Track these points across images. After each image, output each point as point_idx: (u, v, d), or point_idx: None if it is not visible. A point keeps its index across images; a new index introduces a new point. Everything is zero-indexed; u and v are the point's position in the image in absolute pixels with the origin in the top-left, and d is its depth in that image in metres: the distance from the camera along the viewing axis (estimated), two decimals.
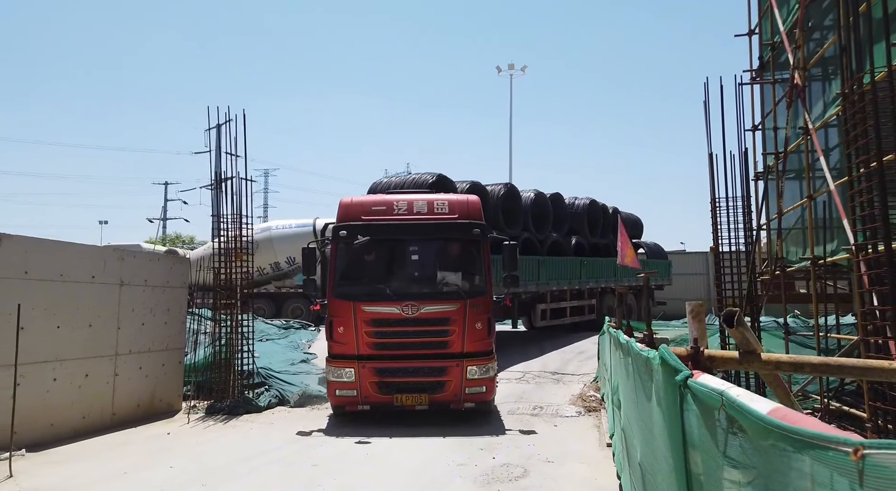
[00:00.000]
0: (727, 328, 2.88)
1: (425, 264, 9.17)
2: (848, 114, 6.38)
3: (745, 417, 1.62)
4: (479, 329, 8.69)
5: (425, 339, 8.63)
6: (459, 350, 8.59)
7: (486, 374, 8.69)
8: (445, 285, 8.93)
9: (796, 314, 13.06)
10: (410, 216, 9.04)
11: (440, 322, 8.65)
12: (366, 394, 8.57)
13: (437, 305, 8.68)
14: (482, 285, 8.90)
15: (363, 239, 8.79)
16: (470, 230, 8.95)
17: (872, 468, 0.96)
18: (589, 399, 10.31)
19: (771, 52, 10.83)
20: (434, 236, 9.07)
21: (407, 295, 8.73)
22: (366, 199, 9.42)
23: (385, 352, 8.66)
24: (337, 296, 8.82)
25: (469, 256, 9.13)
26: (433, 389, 8.57)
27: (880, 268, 5.72)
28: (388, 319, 8.65)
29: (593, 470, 6.54)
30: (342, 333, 8.66)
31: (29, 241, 7.88)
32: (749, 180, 10.68)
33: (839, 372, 3.02)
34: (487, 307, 8.84)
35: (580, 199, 19.35)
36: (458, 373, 8.54)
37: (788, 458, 1.42)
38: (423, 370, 8.59)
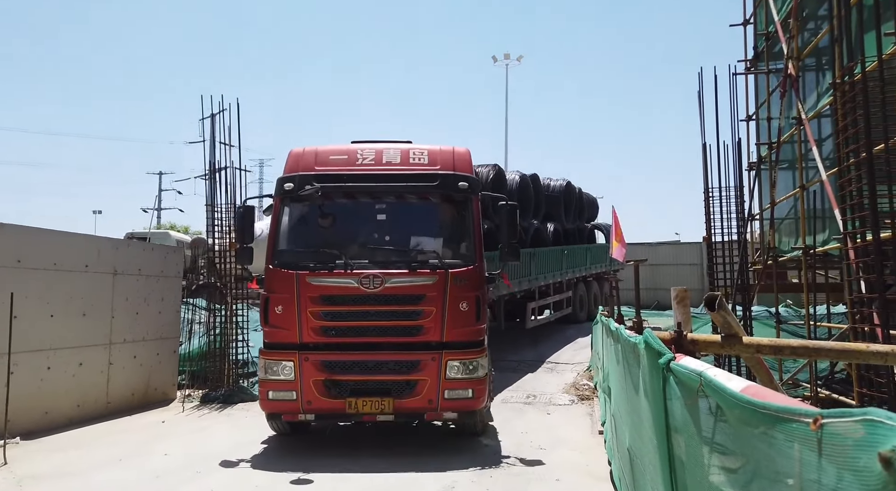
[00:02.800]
0: (709, 312, 2.92)
1: (395, 227, 7.17)
2: (839, 103, 6.42)
3: (719, 394, 1.66)
4: (465, 311, 6.57)
5: (391, 322, 6.61)
6: (437, 338, 6.56)
7: (474, 372, 6.55)
8: (420, 253, 6.87)
9: (788, 304, 13.15)
10: (378, 167, 7.04)
11: (411, 300, 6.60)
12: (309, 397, 6.48)
13: (407, 277, 6.60)
14: (470, 254, 6.84)
15: (310, 189, 6.78)
16: (454, 184, 6.89)
17: (830, 436, 1.00)
18: (582, 388, 10.40)
19: (765, 41, 10.84)
20: (407, 191, 6.97)
21: (368, 264, 6.68)
22: (323, 148, 7.29)
23: (337, 340, 6.61)
24: (276, 265, 6.77)
25: (453, 217, 7.18)
26: (400, 392, 6.54)
27: (869, 256, 5.77)
28: (341, 295, 6.60)
29: (585, 456, 6.61)
30: (280, 314, 6.58)
31: (22, 230, 7.88)
32: (742, 170, 10.74)
33: (817, 354, 3.07)
34: (476, 283, 6.74)
35: (556, 181, 17.05)
36: (435, 370, 6.47)
37: (760, 433, 1.46)
38: (387, 365, 6.57)
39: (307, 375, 6.53)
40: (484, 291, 6.93)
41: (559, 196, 16.71)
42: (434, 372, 6.53)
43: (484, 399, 6.79)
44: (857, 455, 0.90)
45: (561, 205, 16.75)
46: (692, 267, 25.27)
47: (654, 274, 23.61)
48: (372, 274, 6.58)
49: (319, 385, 6.55)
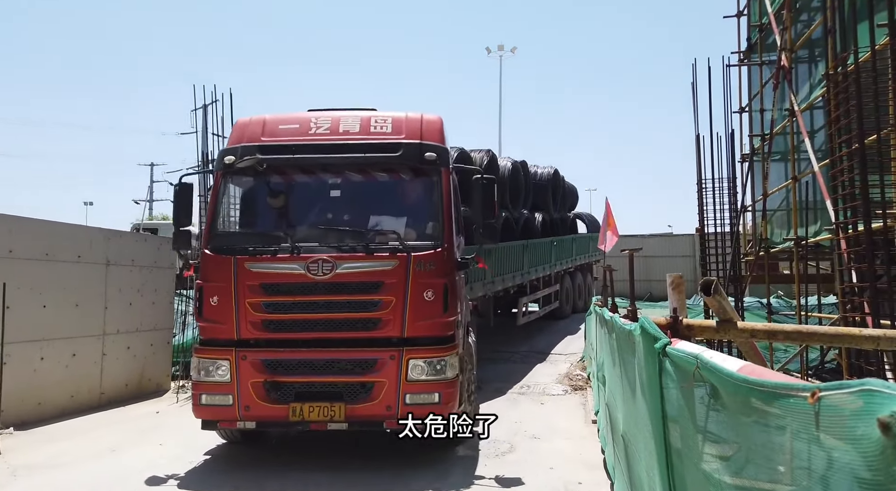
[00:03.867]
0: (704, 297, 2.95)
1: (351, 204, 6.36)
2: (832, 94, 6.46)
3: (716, 375, 1.68)
4: (430, 301, 5.66)
5: (343, 314, 5.72)
6: (398, 333, 5.68)
7: (441, 373, 5.65)
8: (379, 234, 5.97)
9: (779, 295, 13.26)
10: (333, 136, 6.13)
11: (367, 288, 5.72)
12: (247, 402, 5.63)
13: (362, 261, 5.72)
14: (437, 235, 5.91)
15: (249, 159, 5.93)
16: (420, 154, 5.98)
17: (827, 409, 1.02)
18: (575, 378, 10.46)
19: (759, 33, 10.87)
20: (365, 163, 6.08)
21: (317, 247, 5.83)
22: (273, 117, 6.40)
23: (280, 335, 5.77)
24: (212, 248, 5.91)
25: (419, 193, 6.30)
26: (353, 396, 5.63)
27: (860, 246, 5.83)
28: (285, 283, 5.75)
29: (578, 445, 6.66)
30: (216, 305, 5.74)
31: (13, 220, 7.82)
32: (735, 162, 10.81)
33: (810, 339, 3.11)
34: (444, 268, 5.81)
35: (543, 169, 16.18)
36: (394, 370, 5.59)
37: (758, 411, 1.48)
38: (338, 365, 5.71)
39: (245, 376, 5.65)
40: (454, 278, 5.96)
41: (547, 184, 15.98)
42: (393, 372, 5.61)
43: (454, 404, 5.73)
44: (854, 424, 0.92)
45: (549, 194, 16.06)
46: (685, 259, 25.39)
47: (646, 266, 23.70)
48: (321, 258, 5.67)
49: (259, 388, 5.65)
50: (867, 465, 0.89)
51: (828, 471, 1.03)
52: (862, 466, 0.90)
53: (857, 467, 0.91)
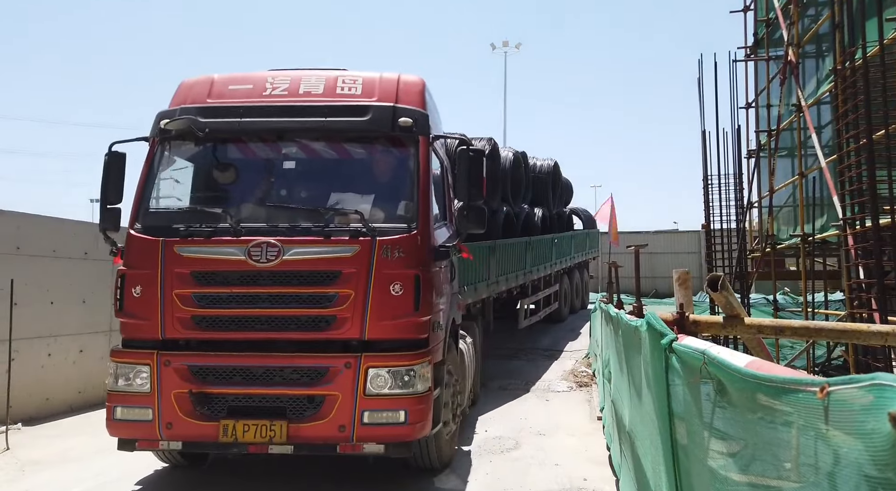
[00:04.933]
0: (711, 293, 2.95)
1: (308, 178, 5.47)
2: (839, 89, 6.41)
3: (723, 370, 1.67)
4: (398, 296, 4.70)
5: (290, 310, 4.76)
6: (356, 335, 4.71)
7: (409, 386, 4.66)
8: (338, 214, 4.99)
9: (786, 291, 13.23)
10: (291, 98, 5.24)
11: (319, 279, 4.75)
12: (170, 418, 4.67)
13: (315, 246, 4.77)
14: (410, 216, 4.96)
15: (182, 120, 5.07)
16: (392, 120, 5.07)
17: (836, 404, 1.01)
18: (580, 375, 10.45)
19: (765, 28, 10.81)
20: (326, 129, 5.12)
21: (263, 229, 4.89)
22: (223, 76, 5.51)
23: (212, 335, 4.81)
24: (139, 229, 5.01)
25: (391, 166, 5.35)
26: (299, 413, 4.66)
27: (867, 242, 5.80)
28: (221, 271, 4.81)
29: (584, 442, 6.67)
30: (138, 297, 4.80)
31: (21, 217, 7.87)
32: (741, 158, 10.77)
33: (818, 334, 3.09)
34: (417, 256, 4.84)
35: (542, 161, 15.09)
36: (350, 380, 4.63)
37: (765, 407, 1.48)
38: (281, 373, 4.74)
39: (167, 385, 4.69)
40: (430, 269, 4.96)
41: (547, 178, 14.96)
42: (349, 384, 4.60)
43: (426, 424, 4.75)
44: (864, 419, 0.91)
45: (549, 187, 15.06)
46: (690, 255, 25.34)
47: (651, 262, 23.68)
48: (265, 242, 4.71)
49: (184, 400, 4.66)
50: (877, 460, 0.88)
51: (836, 466, 1.03)
52: (871, 461, 0.89)
53: (867, 462, 0.91)
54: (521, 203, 13.24)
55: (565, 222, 17.56)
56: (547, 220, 14.79)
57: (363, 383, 4.64)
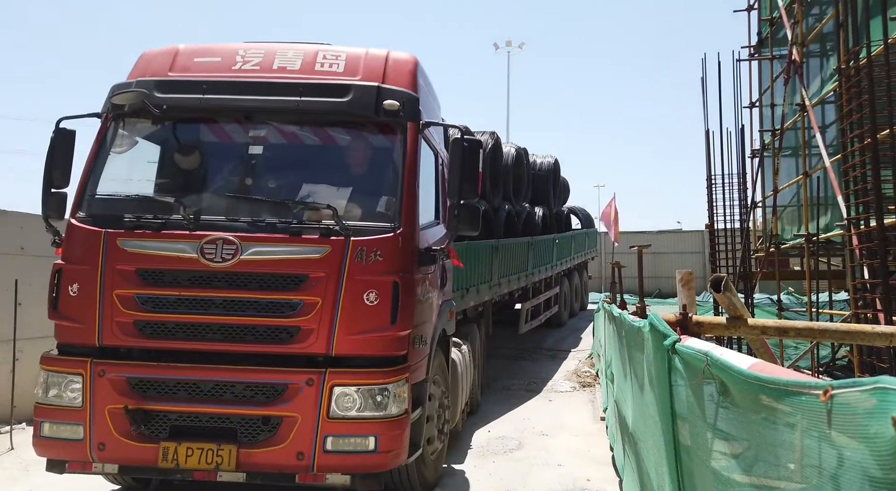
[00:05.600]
0: (714, 294, 2.93)
1: (278, 166, 4.82)
2: (844, 88, 6.39)
3: (726, 372, 1.66)
4: (373, 306, 4.11)
5: (246, 318, 4.15)
6: (322, 349, 4.10)
7: (381, 407, 4.08)
8: (309, 209, 4.36)
9: (790, 291, 13.18)
10: (263, 74, 4.61)
11: (282, 283, 4.16)
12: (103, 438, 4.08)
13: (278, 245, 4.18)
14: (392, 214, 4.35)
15: (134, 91, 4.47)
16: (376, 102, 4.42)
17: (840, 407, 1.01)
18: (584, 375, 10.44)
19: (769, 27, 10.78)
20: (300, 111, 4.51)
21: (221, 223, 4.26)
22: (189, 47, 4.86)
23: (156, 343, 4.20)
24: (81, 217, 4.39)
25: (373, 155, 4.76)
26: (252, 436, 4.07)
27: (872, 242, 5.78)
28: (170, 270, 4.20)
29: (587, 442, 6.66)
30: (75, 297, 4.22)
31: (24, 218, 7.89)
32: (745, 158, 10.74)
33: (822, 336, 3.08)
34: (398, 260, 4.25)
35: (543, 158, 14.52)
36: (312, 400, 4.04)
37: (769, 409, 1.47)
38: (232, 390, 4.14)
39: (101, 399, 4.09)
40: (412, 275, 4.34)
41: (548, 176, 14.35)
42: (310, 404, 4.00)
43: (400, 452, 4.17)
44: (868, 423, 0.91)
45: (550, 186, 14.50)
46: (694, 255, 25.31)
47: (655, 262, 23.63)
48: (221, 238, 4.11)
49: (119, 418, 4.05)
50: (880, 463, 0.88)
51: (839, 469, 1.02)
52: (875, 464, 0.89)
53: (870, 466, 0.90)
54: (522, 201, 12.79)
55: (564, 222, 17.14)
56: (547, 220, 14.27)
57: (327, 404, 4.02)
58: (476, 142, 4.67)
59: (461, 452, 6.28)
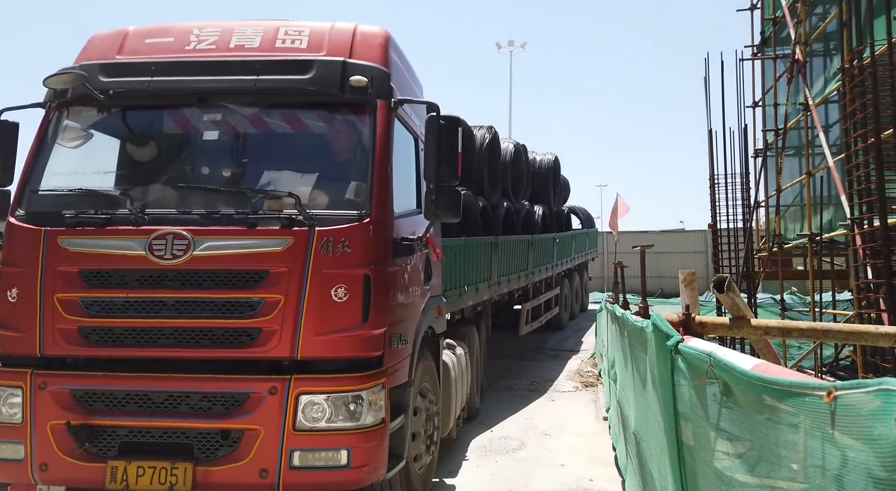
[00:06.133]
0: (717, 294, 2.94)
1: (235, 153, 4.47)
2: (847, 88, 6.38)
3: (729, 373, 1.66)
4: (341, 302, 3.74)
5: (202, 320, 3.78)
6: (286, 353, 3.73)
7: (353, 417, 3.71)
8: (269, 198, 4.00)
9: (793, 291, 13.16)
10: (220, 53, 4.23)
11: (240, 281, 3.79)
12: (45, 457, 3.73)
13: (234, 238, 3.81)
14: (361, 201, 3.96)
15: (70, 73, 4.08)
16: (342, 78, 4.03)
17: (843, 408, 1.01)
18: (586, 375, 10.44)
19: (773, 27, 10.76)
20: (258, 91, 4.12)
21: (169, 215, 3.92)
22: (139, 28, 4.53)
23: (103, 351, 3.85)
24: (20, 215, 4.06)
25: (340, 138, 4.39)
26: (210, 452, 3.70)
27: (875, 241, 5.77)
28: (116, 270, 3.84)
29: (589, 442, 6.65)
30: (14, 302, 3.89)
31: None
32: (748, 157, 10.73)
33: (826, 336, 3.08)
34: (369, 251, 3.86)
35: (542, 156, 14.13)
36: (276, 411, 3.68)
37: (771, 410, 1.47)
38: (187, 401, 3.78)
39: (43, 414, 3.75)
40: (386, 268, 3.97)
41: (548, 173, 13.95)
42: (274, 415, 3.64)
43: (377, 466, 3.82)
44: (871, 424, 0.91)
45: (550, 184, 14.11)
46: (696, 255, 25.28)
47: (658, 262, 23.59)
48: (171, 233, 3.76)
49: (63, 435, 3.70)
50: (884, 465, 0.88)
51: (843, 470, 1.02)
52: (878, 466, 0.89)
53: (874, 467, 0.90)
54: (522, 199, 12.36)
55: (564, 221, 16.77)
56: (547, 219, 13.85)
57: (293, 414, 3.63)
58: (454, 119, 4.18)
59: (457, 463, 6.28)
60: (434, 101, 4.33)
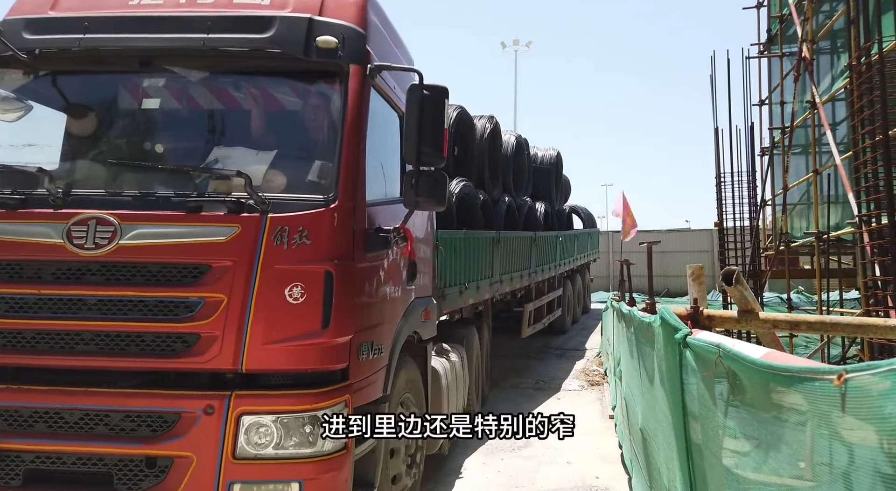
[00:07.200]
0: (726, 287, 2.94)
1: (178, 125, 3.85)
2: (855, 85, 6.37)
3: (739, 363, 1.67)
4: (297, 304, 3.14)
5: (129, 324, 3.17)
6: (228, 363, 3.12)
7: (308, 443, 3.10)
8: (214, 178, 3.42)
9: (800, 290, 13.13)
10: (168, 9, 3.62)
11: (174, 276, 3.20)
12: None
13: (170, 225, 3.22)
14: (327, 185, 3.35)
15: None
16: (306, 38, 3.40)
17: (854, 390, 1.02)
18: (592, 373, 10.43)
19: (779, 24, 10.74)
20: (210, 53, 3.48)
21: (94, 197, 3.33)
22: None
23: (10, 358, 3.28)
24: None
25: (304, 110, 3.81)
26: (131, 483, 3.11)
27: (883, 239, 5.75)
28: (27, 261, 3.28)
29: (595, 440, 6.65)
30: None
31: None
32: (755, 155, 10.71)
33: (834, 329, 3.07)
34: (332, 244, 3.26)
35: (545, 151, 13.60)
36: (211, 434, 3.07)
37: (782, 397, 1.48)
38: (106, 422, 3.17)
39: None
40: (353, 263, 3.35)
41: (550, 170, 13.47)
42: (209, 439, 3.04)
43: None
44: (882, 404, 0.92)
45: (552, 180, 13.58)
46: (702, 254, 25.20)
47: (663, 261, 23.54)
48: (94, 218, 3.15)
49: None
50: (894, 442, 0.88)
51: (854, 451, 1.03)
52: (891, 443, 0.89)
53: (886, 445, 0.91)
54: (523, 195, 11.83)
55: (565, 221, 16.39)
56: (550, 217, 13.26)
57: (232, 439, 3.03)
58: (440, 89, 3.51)
59: (462, 460, 6.29)
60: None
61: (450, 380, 5.39)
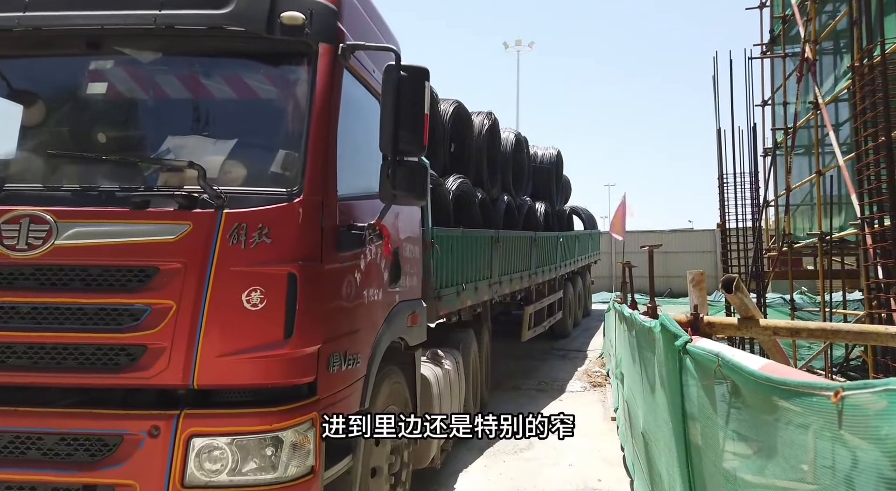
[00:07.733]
0: (725, 294, 2.93)
1: (126, 112, 3.53)
2: (857, 86, 6.35)
3: (737, 373, 1.67)
4: (256, 311, 2.76)
5: (65, 334, 2.79)
6: (177, 379, 2.74)
7: (269, 467, 2.76)
8: (164, 170, 3.07)
9: (803, 291, 13.08)
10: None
11: (117, 280, 2.81)
12: None
13: (112, 222, 2.83)
14: (291, 177, 2.97)
15: None
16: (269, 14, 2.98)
17: (850, 408, 1.01)
18: (594, 375, 10.43)
19: (782, 25, 10.71)
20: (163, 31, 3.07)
21: (28, 192, 3.01)
22: None
23: None
24: None
25: (267, 94, 3.44)
26: None
27: (886, 241, 5.74)
28: None
29: (597, 442, 6.65)
30: None
31: None
32: (757, 156, 10.68)
33: (835, 336, 3.07)
34: (297, 243, 2.88)
35: (545, 150, 13.27)
36: (157, 459, 2.71)
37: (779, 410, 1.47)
38: (38, 445, 2.78)
39: None
40: (321, 264, 3.00)
41: (550, 169, 13.17)
42: (155, 465, 2.73)
43: None
44: (878, 424, 0.91)
45: (552, 180, 13.29)
46: (705, 254, 25.20)
47: (666, 262, 23.53)
48: (27, 215, 2.83)
49: None
50: (892, 465, 0.88)
51: (852, 470, 1.03)
52: (887, 465, 0.89)
53: (882, 467, 0.90)
54: (523, 194, 11.55)
55: (566, 221, 16.12)
56: (550, 218, 12.93)
57: (181, 464, 2.70)
58: (419, 70, 3.14)
59: (465, 462, 6.28)
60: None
61: (442, 388, 5.12)
